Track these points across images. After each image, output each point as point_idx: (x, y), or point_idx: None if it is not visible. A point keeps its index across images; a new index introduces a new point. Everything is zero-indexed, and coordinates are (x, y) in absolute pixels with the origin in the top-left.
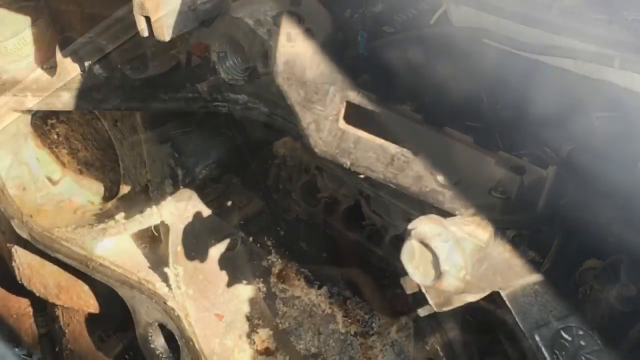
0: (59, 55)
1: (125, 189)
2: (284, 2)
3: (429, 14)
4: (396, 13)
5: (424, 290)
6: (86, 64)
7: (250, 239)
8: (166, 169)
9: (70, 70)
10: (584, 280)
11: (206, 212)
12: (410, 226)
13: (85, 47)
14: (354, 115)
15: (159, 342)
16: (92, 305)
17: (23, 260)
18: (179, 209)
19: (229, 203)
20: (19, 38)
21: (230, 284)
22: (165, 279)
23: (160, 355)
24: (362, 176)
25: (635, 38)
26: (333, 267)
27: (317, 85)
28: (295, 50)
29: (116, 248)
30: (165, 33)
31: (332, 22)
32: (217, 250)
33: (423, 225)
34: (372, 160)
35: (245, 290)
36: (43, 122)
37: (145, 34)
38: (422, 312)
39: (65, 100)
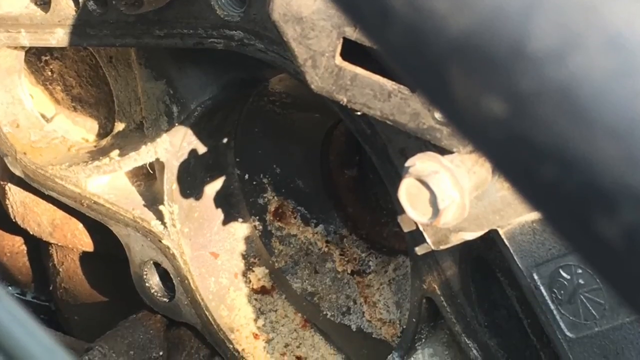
0: None
1: (119, 126)
2: None
3: None
4: None
5: (421, 229)
6: (80, 0)
7: (246, 176)
8: (161, 106)
9: (64, 6)
10: None
11: (202, 149)
12: (407, 163)
13: None
14: (351, 52)
15: (153, 281)
16: (86, 243)
17: (17, 198)
18: (174, 146)
19: (225, 140)
20: None
21: (225, 222)
22: (160, 217)
23: (155, 293)
24: (359, 113)
25: None
26: (330, 205)
27: (313, 22)
28: None
29: (110, 186)
30: None
31: None
32: (212, 188)
33: (420, 163)
34: (369, 97)
35: (241, 229)
36: (37, 58)
37: None
38: (419, 250)
39: (59, 37)
